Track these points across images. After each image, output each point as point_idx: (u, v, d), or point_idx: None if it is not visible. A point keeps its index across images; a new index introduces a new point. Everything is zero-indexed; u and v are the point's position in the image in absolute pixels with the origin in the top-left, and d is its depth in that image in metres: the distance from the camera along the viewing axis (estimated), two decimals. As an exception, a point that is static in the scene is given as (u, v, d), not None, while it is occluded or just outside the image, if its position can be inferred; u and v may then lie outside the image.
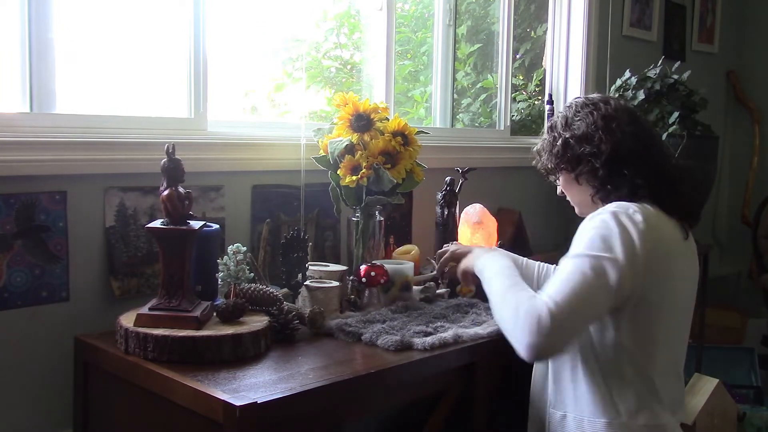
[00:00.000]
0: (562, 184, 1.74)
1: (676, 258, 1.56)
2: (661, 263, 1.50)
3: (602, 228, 1.47)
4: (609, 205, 1.55)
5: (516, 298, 1.45)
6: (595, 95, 1.73)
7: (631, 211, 1.49)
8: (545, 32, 3.38)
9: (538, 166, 1.77)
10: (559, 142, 1.67)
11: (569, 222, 3.09)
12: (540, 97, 3.49)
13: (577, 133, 1.64)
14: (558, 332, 1.37)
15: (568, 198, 1.76)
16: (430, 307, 1.90)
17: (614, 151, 1.59)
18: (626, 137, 1.60)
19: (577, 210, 1.76)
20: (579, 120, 1.65)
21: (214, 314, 1.60)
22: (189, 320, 1.51)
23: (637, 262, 1.45)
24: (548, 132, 1.73)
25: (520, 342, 1.40)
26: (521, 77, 3.62)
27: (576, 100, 1.74)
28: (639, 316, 1.50)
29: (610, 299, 1.44)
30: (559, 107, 3.24)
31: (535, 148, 1.78)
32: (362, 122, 1.97)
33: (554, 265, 1.80)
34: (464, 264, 1.77)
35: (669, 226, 1.56)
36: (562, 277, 1.44)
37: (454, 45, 2.90)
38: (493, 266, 1.62)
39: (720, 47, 4.29)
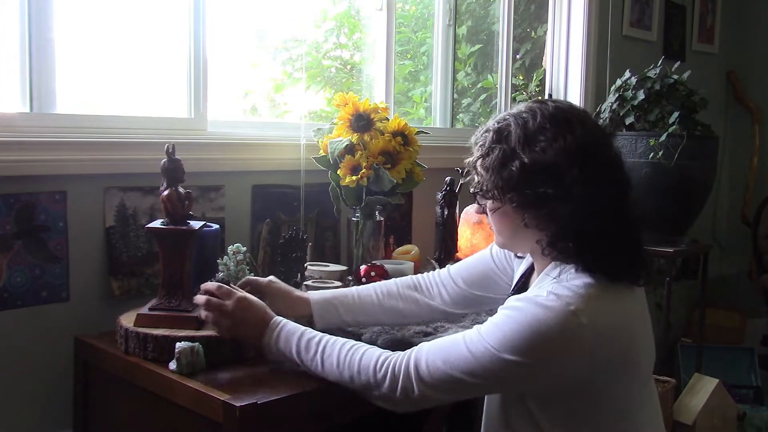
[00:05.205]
0: (494, 211, 1.28)
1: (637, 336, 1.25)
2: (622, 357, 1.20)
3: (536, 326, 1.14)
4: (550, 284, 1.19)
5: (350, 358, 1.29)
6: (563, 103, 1.27)
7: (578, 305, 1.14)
8: (545, 32, 3.38)
9: (474, 178, 1.29)
10: (516, 164, 1.20)
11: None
12: (540, 98, 3.49)
13: (542, 159, 1.18)
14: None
15: (489, 221, 1.32)
16: (430, 307, 1.90)
17: (590, 199, 1.17)
18: (608, 182, 1.20)
19: (498, 240, 1.35)
20: (545, 141, 1.19)
21: (214, 314, 1.60)
22: (189, 320, 1.51)
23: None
24: (493, 138, 1.24)
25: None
26: (521, 77, 3.62)
27: (539, 105, 1.24)
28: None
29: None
30: (559, 107, 3.23)
31: (473, 139, 1.30)
32: (362, 122, 1.97)
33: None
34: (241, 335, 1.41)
35: (622, 300, 1.23)
36: (453, 347, 1.20)
37: (454, 45, 2.90)
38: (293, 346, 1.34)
39: (720, 47, 4.29)
